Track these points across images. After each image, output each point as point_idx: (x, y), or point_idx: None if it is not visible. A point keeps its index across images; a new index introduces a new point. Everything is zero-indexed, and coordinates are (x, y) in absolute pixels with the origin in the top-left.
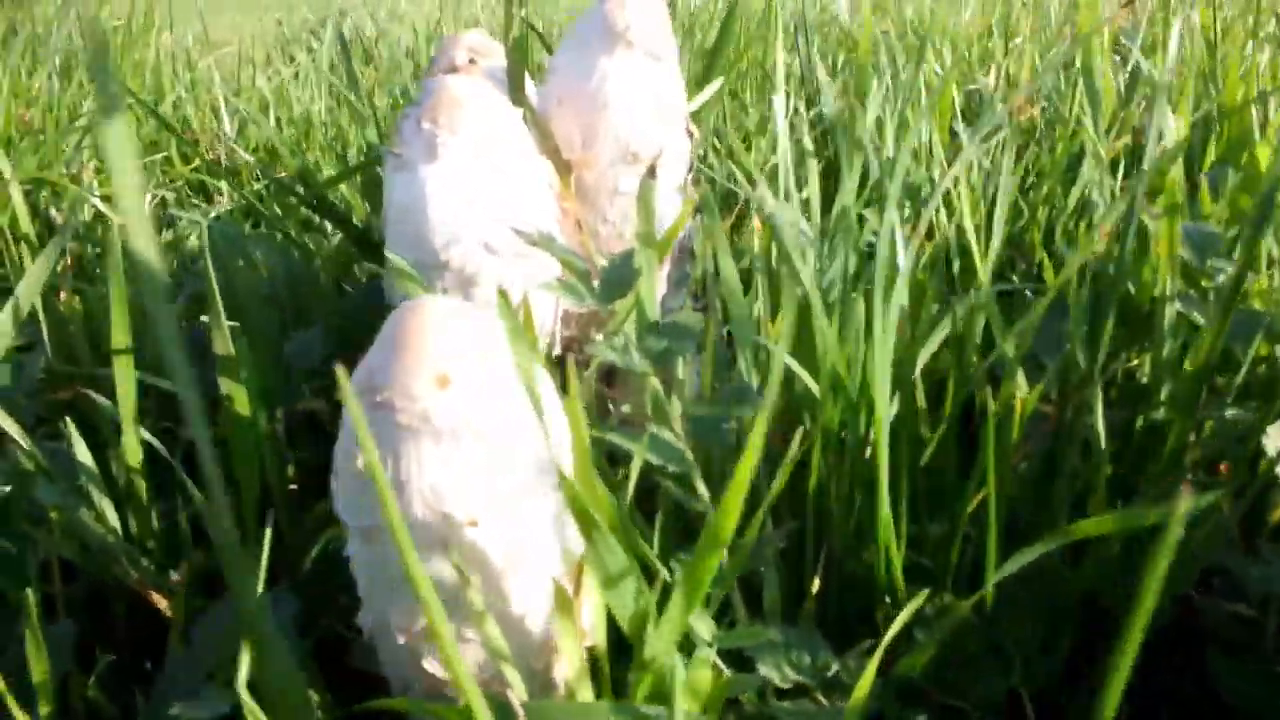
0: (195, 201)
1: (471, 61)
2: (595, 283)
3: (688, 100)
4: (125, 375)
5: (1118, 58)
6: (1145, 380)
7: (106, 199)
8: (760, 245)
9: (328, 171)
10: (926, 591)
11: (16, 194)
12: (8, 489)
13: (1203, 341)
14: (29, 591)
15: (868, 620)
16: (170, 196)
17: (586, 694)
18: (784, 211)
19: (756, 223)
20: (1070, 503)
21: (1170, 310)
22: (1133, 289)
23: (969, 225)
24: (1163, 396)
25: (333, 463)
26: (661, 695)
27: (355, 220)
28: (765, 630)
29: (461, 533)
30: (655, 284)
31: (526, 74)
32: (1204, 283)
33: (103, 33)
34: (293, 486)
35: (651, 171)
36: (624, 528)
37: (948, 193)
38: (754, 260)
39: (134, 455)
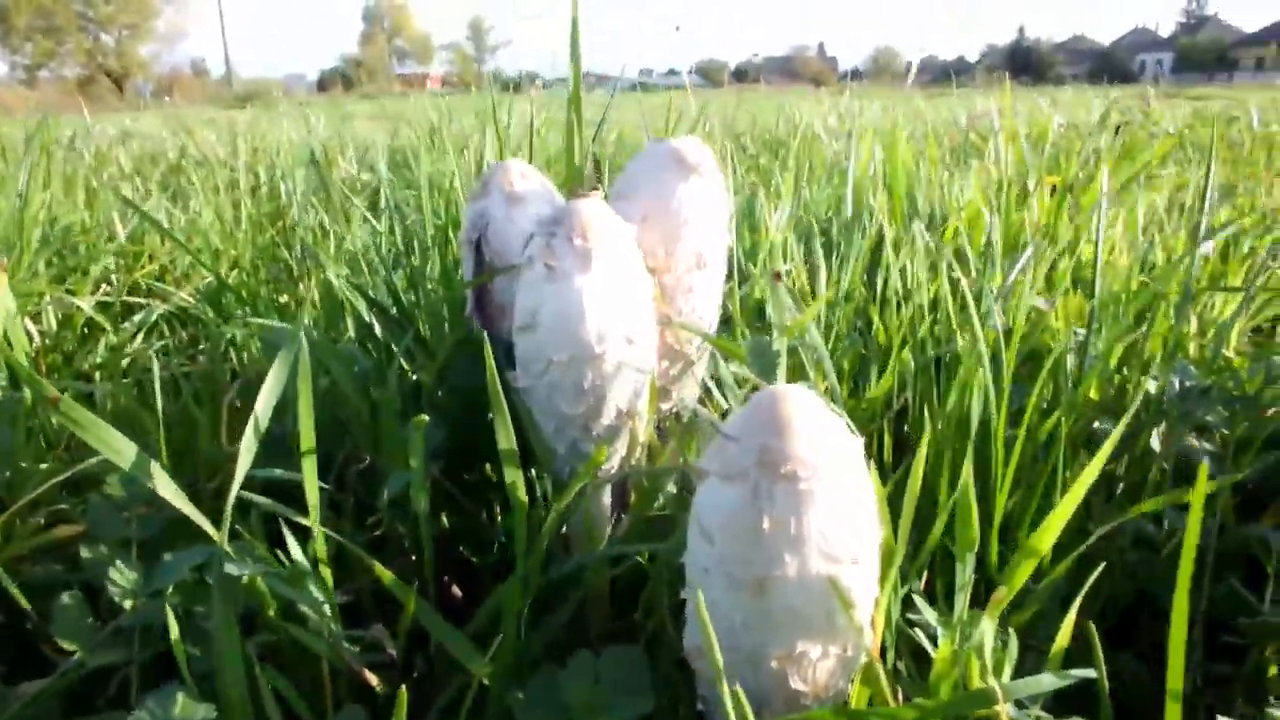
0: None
1: (594, 189)
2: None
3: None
4: (311, 478)
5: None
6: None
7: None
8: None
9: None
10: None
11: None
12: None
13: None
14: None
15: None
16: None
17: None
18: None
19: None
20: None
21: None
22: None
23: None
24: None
25: (702, 523)
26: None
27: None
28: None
29: (845, 571)
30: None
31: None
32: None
33: None
34: None
35: (718, 273)
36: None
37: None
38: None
39: (322, 549)
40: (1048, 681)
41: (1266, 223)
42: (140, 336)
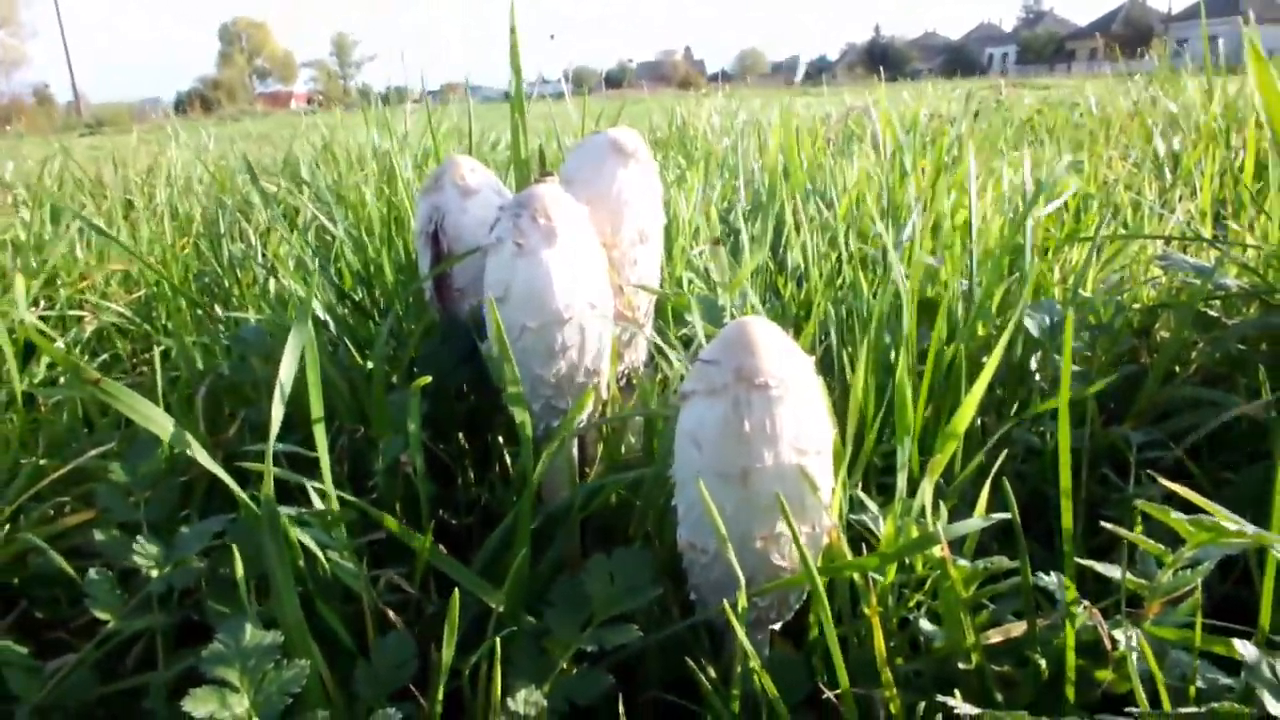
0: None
1: (546, 175)
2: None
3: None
4: (321, 441)
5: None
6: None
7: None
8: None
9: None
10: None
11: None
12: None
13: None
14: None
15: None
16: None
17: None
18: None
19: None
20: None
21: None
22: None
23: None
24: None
25: (691, 434)
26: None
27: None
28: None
29: (810, 461)
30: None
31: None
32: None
33: None
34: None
35: (657, 247)
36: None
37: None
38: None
39: (335, 504)
40: (975, 523)
41: (1108, 189)
42: (78, 352)
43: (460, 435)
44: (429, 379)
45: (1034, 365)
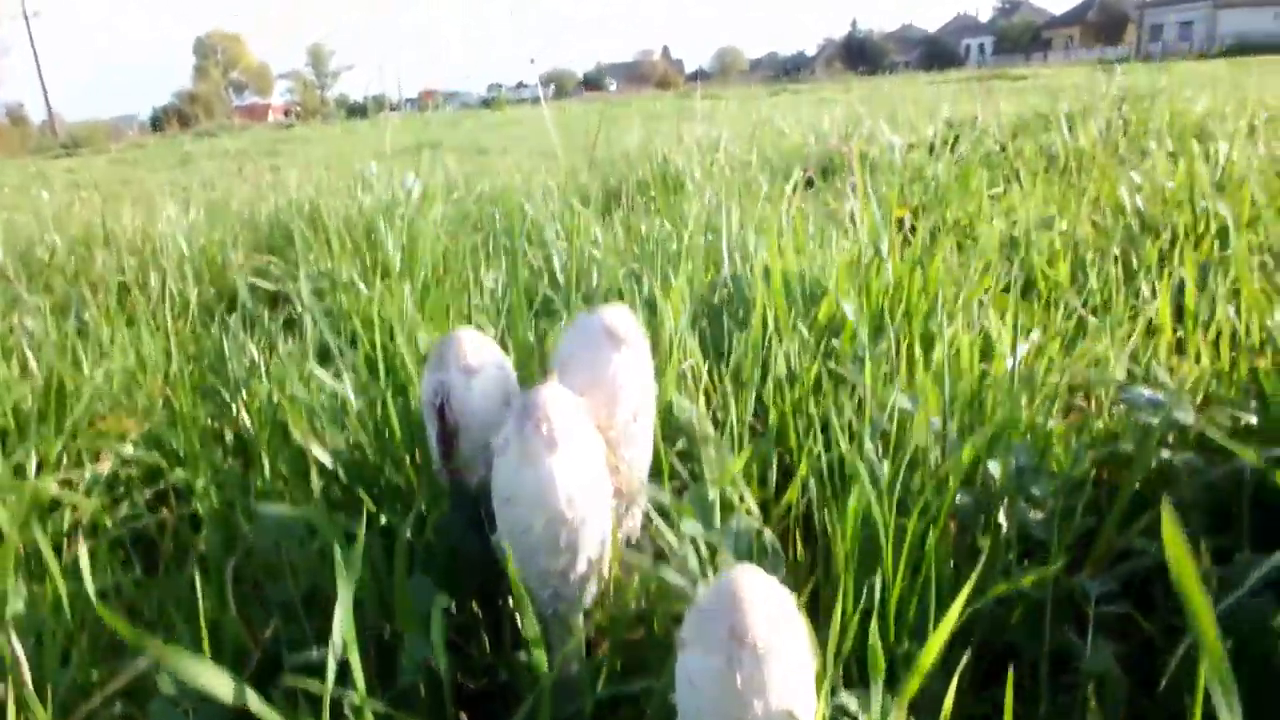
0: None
1: (546, 373)
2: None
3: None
4: (357, 669)
5: None
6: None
7: None
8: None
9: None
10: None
11: None
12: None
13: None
14: None
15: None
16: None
17: None
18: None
19: None
20: None
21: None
22: None
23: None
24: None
25: (690, 678)
26: None
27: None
28: None
29: (797, 702)
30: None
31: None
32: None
33: None
34: None
35: (650, 421)
36: None
37: None
38: None
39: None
40: None
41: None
42: (94, 497)
43: (473, 604)
44: (449, 600)
45: (1002, 515)
